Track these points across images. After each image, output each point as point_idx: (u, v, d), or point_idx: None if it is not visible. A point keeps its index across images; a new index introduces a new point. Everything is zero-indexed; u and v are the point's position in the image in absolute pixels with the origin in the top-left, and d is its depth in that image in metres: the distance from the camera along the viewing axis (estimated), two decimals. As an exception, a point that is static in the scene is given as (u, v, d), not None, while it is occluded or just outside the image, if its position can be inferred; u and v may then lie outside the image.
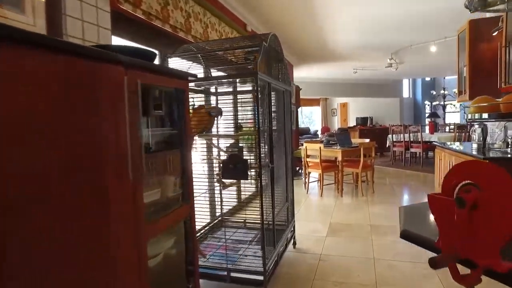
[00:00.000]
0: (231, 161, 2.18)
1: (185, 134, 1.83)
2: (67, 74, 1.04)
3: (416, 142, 8.59)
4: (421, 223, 1.24)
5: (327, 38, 6.37)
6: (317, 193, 5.82)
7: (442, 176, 4.19)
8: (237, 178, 2.25)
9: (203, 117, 2.35)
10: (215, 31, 3.71)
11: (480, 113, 3.10)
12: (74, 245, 1.08)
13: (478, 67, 3.97)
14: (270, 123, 2.52)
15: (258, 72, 2.08)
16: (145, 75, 1.44)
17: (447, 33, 6.14)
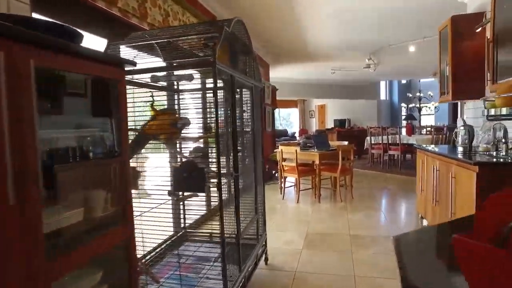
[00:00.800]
0: (184, 170, 1.79)
1: (122, 137, 1.43)
2: None
3: (394, 144, 8.43)
4: (431, 269, 0.86)
5: (304, 36, 6.07)
6: (293, 198, 5.49)
7: (425, 181, 3.94)
8: (191, 190, 1.86)
9: (166, 127, 1.95)
10: (178, 21, 3.31)
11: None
12: None
13: (461, 65, 3.74)
14: (234, 124, 2.14)
15: (216, 61, 1.70)
16: (49, 56, 1.03)
17: (426, 32, 5.96)
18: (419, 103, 14.59)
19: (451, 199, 2.96)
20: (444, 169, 3.19)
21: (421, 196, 4.04)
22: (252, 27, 5.38)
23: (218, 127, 1.74)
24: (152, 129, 1.94)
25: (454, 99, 3.78)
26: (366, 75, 11.24)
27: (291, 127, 18.77)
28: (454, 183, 2.92)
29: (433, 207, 3.52)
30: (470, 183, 2.62)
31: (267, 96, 7.41)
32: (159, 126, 1.93)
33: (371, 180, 7.30)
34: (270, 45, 6.73)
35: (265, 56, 7.46)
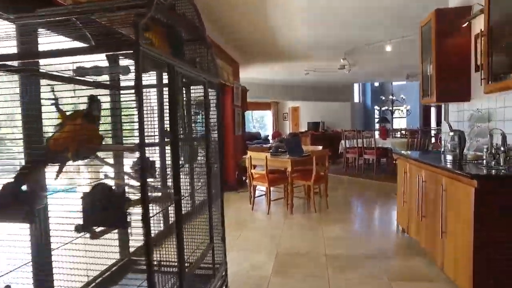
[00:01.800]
0: (97, 197, 1.25)
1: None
2: None
3: (370, 148, 8.14)
4: None
5: (275, 32, 5.61)
6: (264, 209, 5.00)
7: (408, 192, 3.55)
8: (107, 224, 1.31)
9: (81, 132, 1.39)
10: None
11: None
12: None
13: (445, 64, 3.38)
14: (175, 128, 1.62)
15: (140, 43, 1.17)
16: None
17: (403, 31, 5.66)
18: (392, 106, 14.57)
19: (442, 216, 2.55)
20: (432, 180, 2.79)
21: (403, 208, 3.64)
22: (217, 20, 4.88)
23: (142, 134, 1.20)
24: (60, 143, 1.37)
25: (438, 101, 3.42)
26: (341, 77, 10.96)
27: (264, 130, 18.36)
28: (445, 198, 2.51)
29: (418, 222, 3.12)
30: (466, 199, 2.21)
31: (236, 98, 6.90)
32: (68, 137, 1.36)
33: (346, 186, 6.94)
34: (239, 42, 6.24)
35: (234, 54, 6.96)
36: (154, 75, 2.30)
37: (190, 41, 2.06)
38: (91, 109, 1.34)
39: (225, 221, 4.61)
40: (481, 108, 3.16)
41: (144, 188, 1.21)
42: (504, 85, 2.29)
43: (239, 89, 7.20)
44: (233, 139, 6.70)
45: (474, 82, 3.30)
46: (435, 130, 10.10)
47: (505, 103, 2.82)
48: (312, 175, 4.69)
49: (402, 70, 9.73)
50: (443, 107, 3.84)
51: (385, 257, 3.19)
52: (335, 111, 14.80)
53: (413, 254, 3.20)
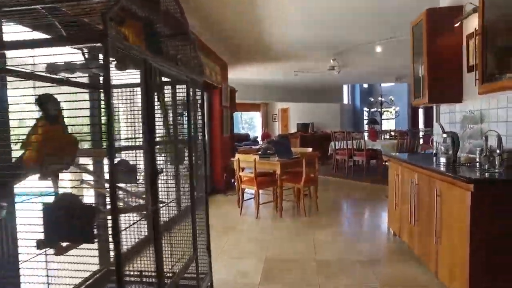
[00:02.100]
0: (60, 208, 1.10)
1: None
2: None
3: (359, 149, 8.09)
4: None
5: (266, 32, 5.49)
6: (253, 213, 4.87)
7: (400, 196, 3.47)
8: (70, 239, 1.17)
9: (49, 136, 1.23)
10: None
11: None
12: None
13: (437, 65, 3.31)
14: (151, 130, 1.48)
15: (109, 34, 1.04)
16: None
17: (393, 33, 5.60)
18: (381, 107, 14.62)
19: (436, 221, 2.46)
20: (426, 184, 2.70)
21: (395, 212, 3.56)
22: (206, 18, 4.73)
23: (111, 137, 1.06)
24: (33, 156, 1.21)
25: (430, 102, 3.34)
26: (330, 78, 10.91)
27: (254, 131, 18.24)
28: (440, 203, 2.43)
29: (411, 227, 3.04)
30: (462, 204, 2.12)
31: (225, 98, 6.76)
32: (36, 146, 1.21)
33: (336, 188, 6.86)
34: (228, 42, 6.10)
35: (223, 54, 6.82)
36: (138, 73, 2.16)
37: (172, 36, 1.92)
38: (47, 110, 1.19)
39: (212, 225, 4.46)
40: (474, 109, 3.09)
41: (113, 196, 1.07)
42: (499, 86, 2.22)
43: (228, 90, 7.07)
44: (221, 140, 6.56)
45: (466, 83, 3.24)
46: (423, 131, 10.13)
47: (498, 104, 2.76)
48: (301, 177, 4.58)
49: (391, 71, 9.73)
50: (435, 108, 3.78)
51: (377, 262, 3.09)
52: (324, 112, 14.77)
53: (406, 259, 3.12)
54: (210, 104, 6.53)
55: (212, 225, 4.52)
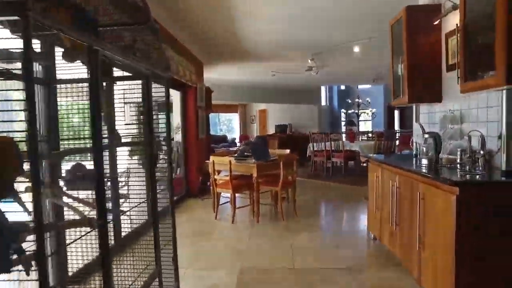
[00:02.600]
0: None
1: None
2: None
3: (338, 151, 8.03)
4: None
5: (242, 30, 5.31)
6: (229, 218, 4.65)
7: (380, 198, 3.35)
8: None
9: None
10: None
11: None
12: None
13: (417, 63, 3.22)
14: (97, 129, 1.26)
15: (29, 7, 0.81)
16: None
17: (371, 32, 5.54)
18: (358, 109, 14.73)
19: (419, 226, 2.34)
20: (408, 187, 2.58)
21: (375, 215, 3.44)
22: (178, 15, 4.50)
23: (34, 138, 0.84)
24: None
25: (410, 102, 3.25)
26: (308, 80, 10.86)
27: (232, 133, 18.01)
28: (423, 206, 2.30)
29: (392, 231, 2.91)
30: (446, 208, 2.00)
31: (200, 99, 6.53)
32: None
33: (314, 190, 6.74)
34: (203, 40, 5.88)
35: (198, 53, 6.59)
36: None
37: (130, 25, 1.70)
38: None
39: (185, 232, 4.23)
40: (454, 109, 3.01)
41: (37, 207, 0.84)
42: (483, 84, 2.11)
43: (203, 90, 6.83)
44: (197, 142, 6.31)
45: (446, 83, 3.16)
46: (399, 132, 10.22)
47: (478, 104, 2.67)
48: (279, 180, 4.42)
49: (368, 73, 9.75)
50: (414, 108, 3.70)
51: (358, 270, 2.95)
52: (302, 114, 14.74)
53: (388, 265, 2.99)
54: (185, 104, 6.28)
55: (184, 232, 4.30)
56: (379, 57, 7.47)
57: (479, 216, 1.91)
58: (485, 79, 2.11)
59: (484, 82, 2.11)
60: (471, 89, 2.27)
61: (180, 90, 6.18)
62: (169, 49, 4.49)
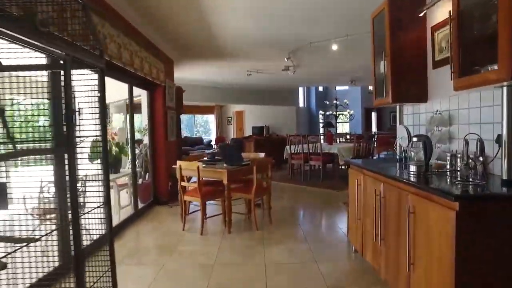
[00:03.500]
0: None
1: None
2: None
3: (315, 153, 7.75)
4: None
5: (213, 26, 4.91)
6: (198, 228, 4.24)
7: (362, 208, 3.04)
8: None
9: None
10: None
11: None
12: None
13: (401, 60, 2.94)
14: None
15: None
16: None
17: (348, 29, 5.28)
18: (336, 110, 14.61)
19: (409, 243, 2.02)
20: (394, 198, 2.27)
21: (356, 226, 3.13)
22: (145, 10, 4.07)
23: None
24: None
25: (394, 102, 2.96)
26: (285, 80, 10.58)
27: (209, 134, 17.52)
28: (413, 221, 1.99)
29: (377, 247, 2.60)
30: (443, 225, 1.69)
31: (169, 98, 6.08)
32: None
33: (291, 195, 6.42)
34: (172, 36, 5.45)
35: (168, 50, 6.14)
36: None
37: None
38: None
39: (147, 246, 3.79)
40: (441, 109, 2.75)
41: None
42: (482, 79, 1.82)
43: (173, 89, 6.38)
44: (166, 145, 5.86)
45: (432, 81, 2.90)
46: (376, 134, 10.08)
47: (469, 104, 2.41)
48: (252, 187, 4.05)
49: (346, 73, 9.56)
50: (398, 109, 3.42)
51: None
52: (280, 116, 14.47)
53: (370, 283, 2.68)
54: (152, 104, 5.81)
55: (146, 246, 3.85)
56: (357, 56, 7.26)
57: (483, 235, 1.61)
58: (484, 73, 1.82)
59: (482, 77, 1.82)
60: (467, 86, 1.98)
61: (147, 89, 5.72)
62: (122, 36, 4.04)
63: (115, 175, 4.85)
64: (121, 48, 3.94)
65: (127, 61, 4.15)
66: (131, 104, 4.92)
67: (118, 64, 3.94)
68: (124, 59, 4.05)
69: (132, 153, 4.97)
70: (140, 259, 3.39)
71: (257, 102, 12.79)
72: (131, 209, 4.97)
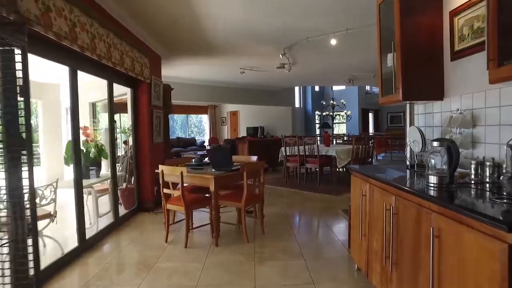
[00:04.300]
0: None
1: None
2: None
3: (312, 156, 7.34)
4: None
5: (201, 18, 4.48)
6: (183, 240, 3.80)
7: (367, 222, 2.63)
8: None
9: None
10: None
11: None
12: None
13: (414, 50, 2.53)
14: None
15: None
16: None
17: (348, 23, 4.88)
18: (333, 111, 14.23)
19: (432, 276, 1.61)
20: (410, 215, 1.86)
21: (360, 243, 2.71)
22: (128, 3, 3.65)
23: None
24: None
25: (405, 100, 2.54)
26: (281, 79, 10.16)
27: (203, 135, 17.05)
28: (438, 248, 1.58)
29: (385, 269, 2.19)
30: (488, 262, 1.27)
31: (155, 97, 5.64)
32: None
33: (286, 201, 6.00)
34: (157, 28, 5.01)
35: (154, 46, 5.69)
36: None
37: None
38: None
39: (125, 262, 3.34)
40: (462, 108, 2.34)
41: None
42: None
43: (160, 87, 5.94)
44: (151, 147, 5.42)
45: (450, 74, 2.49)
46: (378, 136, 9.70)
47: (501, 101, 2.00)
48: (243, 195, 3.63)
49: (344, 72, 9.16)
50: (408, 108, 3.01)
51: (340, 321, 2.21)
52: (275, 116, 14.05)
53: (378, 314, 2.27)
54: (136, 103, 5.37)
55: (124, 262, 3.35)
56: (356, 54, 6.87)
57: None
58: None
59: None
60: (504, 78, 1.57)
61: (130, 87, 5.28)
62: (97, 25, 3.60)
63: (93, 180, 4.41)
64: (95, 39, 3.50)
65: (104, 54, 3.71)
66: (111, 102, 4.47)
67: (93, 58, 3.50)
68: (100, 52, 3.61)
69: (112, 155, 4.52)
70: (112, 279, 2.95)
71: (251, 102, 12.36)
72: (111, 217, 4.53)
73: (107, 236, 4.10)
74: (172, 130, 16.33)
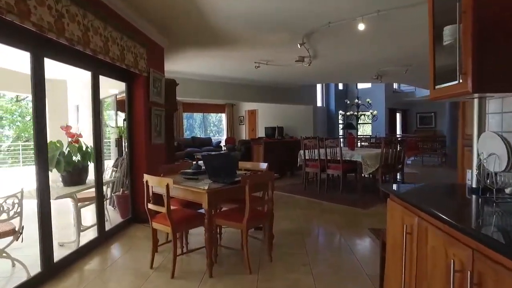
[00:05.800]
0: None
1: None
2: None
3: (334, 161, 6.47)
4: None
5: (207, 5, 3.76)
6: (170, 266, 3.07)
7: (415, 271, 1.81)
8: None
9: None
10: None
11: None
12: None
13: (491, 21, 1.68)
14: None
15: None
16: None
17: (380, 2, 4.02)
18: (357, 110, 13.26)
19: None
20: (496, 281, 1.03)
21: None
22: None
23: None
24: None
25: (478, 90, 1.69)
26: (301, 76, 9.32)
27: (222, 135, 16.41)
28: None
29: None
30: None
31: (155, 92, 4.96)
32: None
33: (303, 213, 5.19)
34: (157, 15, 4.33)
35: (154, 34, 5.02)
36: None
37: None
38: None
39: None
40: None
41: None
42: None
43: (162, 82, 5.26)
44: (148, 150, 4.74)
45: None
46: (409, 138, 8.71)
47: None
48: (244, 214, 2.87)
49: (371, 66, 8.18)
50: (476, 103, 2.11)
51: None
52: (296, 116, 13.22)
53: None
54: (131, 99, 4.71)
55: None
56: (387, 43, 5.94)
57: None
58: None
59: None
60: None
61: (125, 81, 4.62)
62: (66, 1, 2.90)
63: (74, 188, 3.78)
64: (63, 18, 2.83)
65: (77, 38, 3.04)
66: (95, 98, 3.81)
67: (60, 41, 2.83)
68: (70, 35, 2.93)
69: (97, 158, 3.87)
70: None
71: (268, 100, 11.57)
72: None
73: (86, 256, 3.45)
74: (191, 129, 15.77)
